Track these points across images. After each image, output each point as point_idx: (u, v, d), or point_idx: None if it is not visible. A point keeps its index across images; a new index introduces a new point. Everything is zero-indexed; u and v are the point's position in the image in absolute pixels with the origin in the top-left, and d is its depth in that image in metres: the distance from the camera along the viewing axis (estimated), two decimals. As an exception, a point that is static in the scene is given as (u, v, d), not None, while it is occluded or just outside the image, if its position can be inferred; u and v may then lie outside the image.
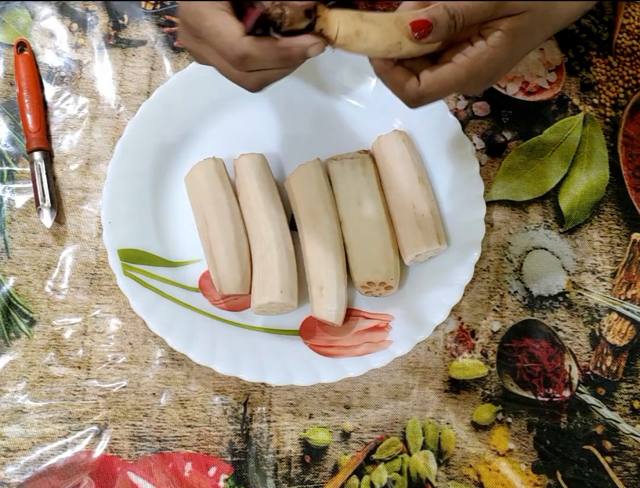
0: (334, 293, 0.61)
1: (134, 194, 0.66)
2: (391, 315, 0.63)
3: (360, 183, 0.64)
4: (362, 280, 0.61)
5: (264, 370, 0.60)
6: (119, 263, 0.63)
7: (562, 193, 0.70)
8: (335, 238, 0.63)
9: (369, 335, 0.62)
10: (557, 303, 0.66)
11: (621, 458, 0.62)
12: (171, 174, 0.68)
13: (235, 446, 0.61)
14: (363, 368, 0.60)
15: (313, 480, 0.61)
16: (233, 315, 0.64)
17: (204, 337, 0.61)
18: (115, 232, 0.64)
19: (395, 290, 0.62)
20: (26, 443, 0.61)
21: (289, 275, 0.61)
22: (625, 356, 0.65)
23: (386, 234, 0.63)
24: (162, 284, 0.64)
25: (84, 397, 0.62)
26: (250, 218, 0.64)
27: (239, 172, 0.66)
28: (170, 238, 0.66)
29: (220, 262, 0.62)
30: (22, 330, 0.64)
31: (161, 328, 0.61)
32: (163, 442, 0.61)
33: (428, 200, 0.64)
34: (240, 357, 0.60)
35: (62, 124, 0.71)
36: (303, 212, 0.64)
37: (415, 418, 0.62)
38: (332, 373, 0.60)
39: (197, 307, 0.63)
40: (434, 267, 0.64)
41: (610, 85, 0.74)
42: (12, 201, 0.68)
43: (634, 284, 0.67)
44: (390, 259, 0.62)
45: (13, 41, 0.73)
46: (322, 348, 0.62)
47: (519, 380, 0.64)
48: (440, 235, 0.63)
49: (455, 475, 0.61)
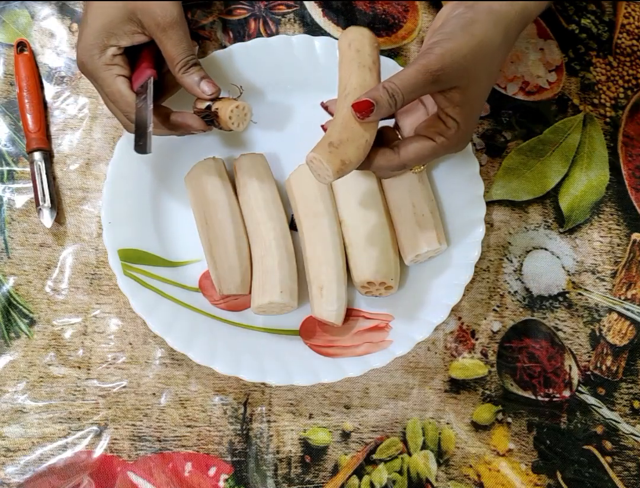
0: (334, 294, 0.61)
1: (134, 194, 0.66)
2: (391, 315, 0.63)
3: (360, 183, 0.64)
4: (362, 280, 0.61)
5: (264, 370, 0.60)
6: (119, 263, 0.63)
7: (562, 193, 0.70)
8: (335, 238, 0.63)
9: (369, 335, 0.62)
10: (557, 303, 0.66)
11: (621, 458, 0.62)
12: (171, 174, 0.68)
13: (235, 446, 0.61)
14: (363, 368, 0.60)
15: (313, 480, 0.61)
16: (233, 315, 0.64)
17: (204, 337, 0.61)
18: (115, 232, 0.64)
19: (395, 290, 0.62)
20: (26, 443, 0.61)
21: (289, 275, 0.61)
22: (625, 356, 0.65)
23: (386, 234, 0.63)
24: (162, 284, 0.64)
25: (84, 397, 0.62)
26: (250, 218, 0.64)
27: (239, 172, 0.66)
28: (170, 238, 0.66)
29: (220, 262, 0.62)
30: (22, 330, 0.64)
31: (161, 328, 0.61)
32: (163, 442, 0.61)
33: (428, 200, 0.64)
34: (240, 357, 0.60)
35: (62, 124, 0.71)
36: (303, 212, 0.64)
37: (415, 418, 0.62)
38: (332, 374, 0.60)
39: (197, 307, 0.63)
40: (434, 267, 0.64)
41: (610, 85, 0.74)
42: (12, 201, 0.68)
43: (634, 284, 0.67)
44: (390, 259, 0.62)
45: (13, 41, 0.73)
46: (322, 348, 0.62)
47: (519, 380, 0.64)
48: (440, 235, 0.63)
49: (455, 475, 0.61)
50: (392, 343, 0.61)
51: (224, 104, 0.60)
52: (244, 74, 0.69)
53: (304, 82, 0.70)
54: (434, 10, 0.76)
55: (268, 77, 0.70)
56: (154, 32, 0.59)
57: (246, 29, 0.74)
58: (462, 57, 0.52)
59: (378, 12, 0.75)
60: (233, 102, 0.60)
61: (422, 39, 0.74)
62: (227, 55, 0.69)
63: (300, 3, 0.75)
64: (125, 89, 0.60)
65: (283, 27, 0.74)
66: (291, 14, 0.75)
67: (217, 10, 0.75)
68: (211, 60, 0.69)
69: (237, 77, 0.69)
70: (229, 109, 0.59)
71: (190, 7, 0.75)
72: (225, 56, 0.69)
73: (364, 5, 0.76)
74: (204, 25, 0.75)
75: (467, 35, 0.52)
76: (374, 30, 0.74)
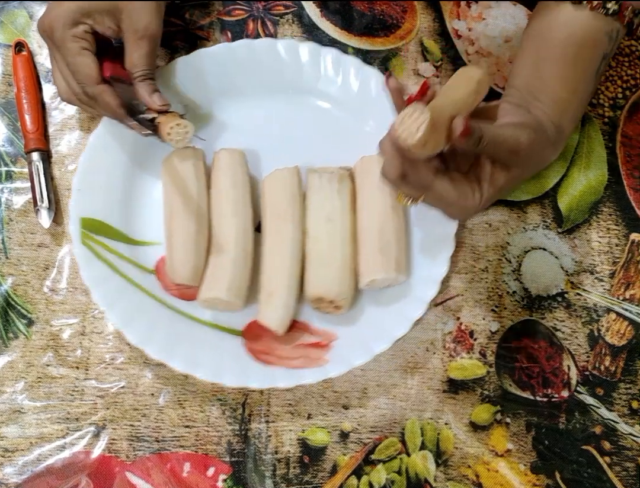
0: (282, 302, 0.60)
1: (110, 168, 0.66)
2: (335, 335, 0.62)
3: (333, 199, 0.63)
4: (313, 295, 0.61)
5: (195, 363, 0.60)
6: (79, 230, 0.63)
7: (560, 193, 0.70)
8: (296, 248, 0.62)
9: (309, 350, 0.62)
10: (556, 304, 0.66)
11: (620, 458, 0.62)
12: (152, 155, 0.67)
13: (234, 446, 0.61)
14: (292, 382, 0.59)
15: (311, 480, 0.60)
16: (183, 303, 0.64)
17: (144, 318, 0.61)
18: (82, 200, 0.64)
19: (344, 311, 0.61)
20: (24, 444, 0.61)
21: (240, 274, 0.61)
22: (623, 356, 0.65)
23: (346, 254, 0.62)
24: (117, 259, 0.64)
25: (82, 397, 0.62)
26: (216, 212, 0.64)
27: (215, 165, 0.66)
28: (137, 216, 0.66)
29: (176, 250, 0.62)
30: (20, 331, 0.64)
31: (104, 302, 0.61)
32: (161, 442, 0.61)
33: (396, 229, 0.62)
34: (175, 345, 0.61)
35: (60, 124, 0.71)
36: (270, 216, 0.64)
37: (413, 419, 0.62)
38: (261, 380, 0.59)
39: (147, 288, 0.63)
40: (389, 296, 0.63)
41: (609, 85, 0.74)
42: (10, 201, 0.68)
43: (632, 284, 0.67)
44: (345, 280, 0.61)
45: (11, 41, 0.73)
46: (260, 353, 0.62)
47: (518, 381, 0.64)
48: (400, 265, 0.61)
49: (453, 476, 0.61)
50: (328, 363, 0.60)
51: (168, 119, 0.62)
52: (231, 74, 0.70)
53: (302, 86, 0.70)
54: (431, 10, 0.76)
55: (270, 77, 0.70)
56: (129, 37, 0.62)
57: (244, 29, 0.74)
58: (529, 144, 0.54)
59: (376, 13, 0.75)
60: (176, 119, 0.62)
61: (421, 39, 0.74)
62: (213, 54, 0.69)
63: (299, 3, 0.75)
64: (90, 63, 0.61)
65: (281, 28, 0.74)
66: (289, 14, 0.75)
67: (216, 11, 0.75)
68: (198, 55, 0.69)
69: (220, 77, 0.70)
70: (169, 124, 0.62)
71: (188, 7, 0.75)
72: (212, 54, 0.69)
73: (362, 6, 0.76)
74: (203, 26, 0.75)
75: (534, 125, 0.56)
76: (372, 31, 0.75)
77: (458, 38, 0.75)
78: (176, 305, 0.64)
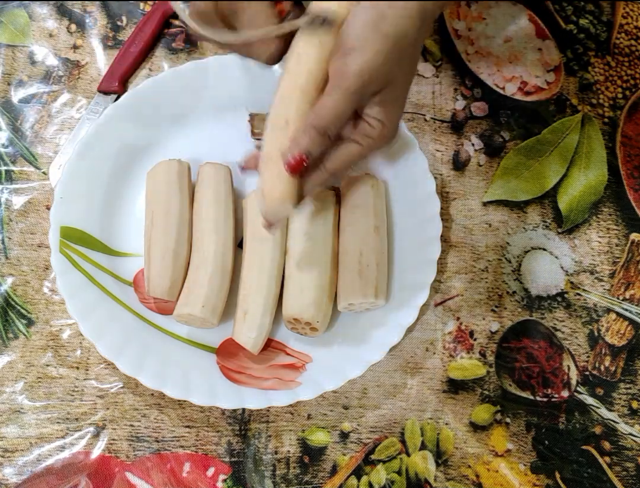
0: (257, 321, 0.60)
1: (94, 176, 0.66)
2: (310, 357, 0.62)
3: (316, 220, 0.63)
4: (289, 315, 0.60)
5: (164, 378, 0.59)
6: (58, 239, 0.62)
7: (560, 193, 0.70)
8: (274, 267, 0.61)
9: (282, 371, 0.61)
10: (556, 304, 0.66)
11: (620, 458, 0.62)
12: (137, 166, 0.67)
13: (234, 446, 0.61)
14: (262, 403, 0.58)
15: (311, 480, 0.60)
16: (159, 317, 0.63)
17: (116, 330, 0.61)
18: (64, 208, 0.64)
19: (320, 333, 0.61)
20: (24, 444, 0.61)
21: (217, 292, 0.60)
22: (623, 356, 0.65)
23: (325, 276, 0.61)
24: (95, 269, 0.63)
25: (81, 397, 0.62)
26: (197, 227, 0.63)
27: (200, 179, 0.65)
28: (118, 227, 0.66)
29: (154, 263, 0.61)
30: (20, 331, 0.64)
31: (77, 313, 0.60)
32: (161, 443, 0.61)
33: (378, 252, 0.61)
34: (145, 358, 0.60)
35: (60, 124, 0.71)
36: (250, 234, 0.63)
37: (413, 419, 0.62)
38: (230, 400, 0.58)
39: (123, 300, 0.63)
40: (366, 321, 0.62)
41: (609, 85, 0.74)
42: (10, 201, 0.68)
43: (632, 284, 0.67)
44: (322, 302, 0.60)
45: (11, 41, 0.73)
46: (231, 372, 0.61)
47: (518, 381, 0.64)
48: (379, 289, 0.60)
49: (453, 476, 0.61)
50: (300, 386, 0.60)
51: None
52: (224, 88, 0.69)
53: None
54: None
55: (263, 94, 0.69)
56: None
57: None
58: (380, 66, 0.48)
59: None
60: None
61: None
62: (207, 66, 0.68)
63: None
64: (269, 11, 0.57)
65: (281, 28, 0.74)
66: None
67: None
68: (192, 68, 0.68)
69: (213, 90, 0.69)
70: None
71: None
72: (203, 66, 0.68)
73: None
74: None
75: (379, 38, 0.48)
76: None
77: (458, 38, 0.75)
78: (152, 319, 0.63)
